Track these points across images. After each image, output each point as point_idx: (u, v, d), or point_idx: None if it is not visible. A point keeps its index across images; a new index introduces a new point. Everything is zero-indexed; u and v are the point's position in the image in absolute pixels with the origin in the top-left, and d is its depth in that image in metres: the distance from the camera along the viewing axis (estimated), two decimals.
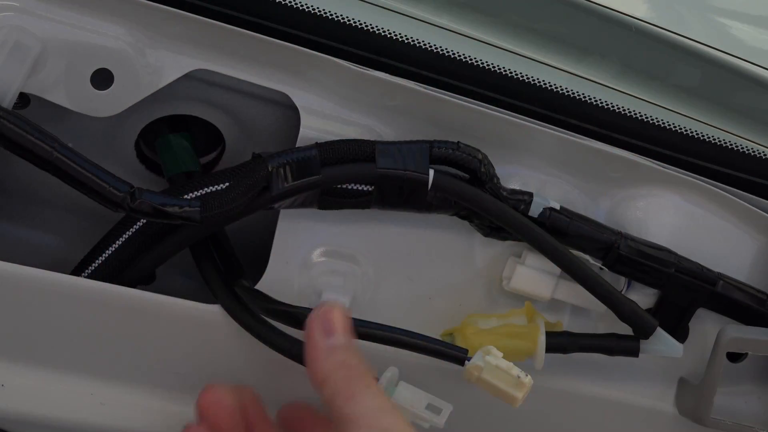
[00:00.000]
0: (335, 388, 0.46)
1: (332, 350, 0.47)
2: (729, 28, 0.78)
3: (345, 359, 0.47)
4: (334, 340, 0.47)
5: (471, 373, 0.48)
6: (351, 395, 0.45)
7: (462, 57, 0.62)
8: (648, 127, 0.66)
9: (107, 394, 0.62)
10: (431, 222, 0.64)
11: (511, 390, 0.47)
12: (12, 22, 0.54)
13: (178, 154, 0.64)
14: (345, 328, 0.48)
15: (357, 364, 0.46)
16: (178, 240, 0.61)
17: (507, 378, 0.47)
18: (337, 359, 0.47)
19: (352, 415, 0.45)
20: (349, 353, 0.47)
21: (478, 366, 0.47)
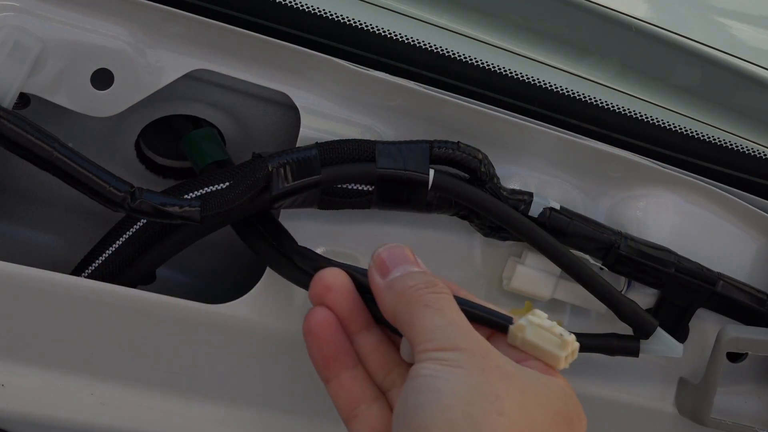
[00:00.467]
0: (400, 320, 0.45)
1: (389, 287, 0.46)
2: (729, 28, 0.78)
3: (401, 290, 0.46)
4: (391, 275, 0.47)
5: (515, 335, 0.47)
6: (410, 322, 0.44)
7: (462, 57, 0.62)
8: (648, 127, 0.66)
9: (107, 394, 0.62)
10: (431, 222, 0.64)
11: (555, 350, 0.46)
12: (12, 22, 0.54)
13: (204, 146, 0.64)
14: (400, 261, 0.47)
15: (413, 289, 0.45)
16: (178, 240, 0.61)
17: (550, 338, 0.46)
18: (395, 292, 0.46)
19: (413, 342, 0.44)
20: (405, 280, 0.46)
21: (521, 326, 0.47)
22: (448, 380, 0.42)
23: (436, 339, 0.43)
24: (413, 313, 0.45)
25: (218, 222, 0.59)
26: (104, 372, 0.62)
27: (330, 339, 0.48)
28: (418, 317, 0.44)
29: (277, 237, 0.58)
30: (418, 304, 0.45)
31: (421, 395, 0.42)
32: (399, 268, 0.47)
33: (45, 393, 0.61)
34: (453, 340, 0.43)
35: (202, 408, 0.64)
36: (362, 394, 0.48)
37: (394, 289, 0.46)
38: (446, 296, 0.45)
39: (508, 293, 0.66)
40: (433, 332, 0.43)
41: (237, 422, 0.65)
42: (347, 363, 0.49)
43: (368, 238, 0.64)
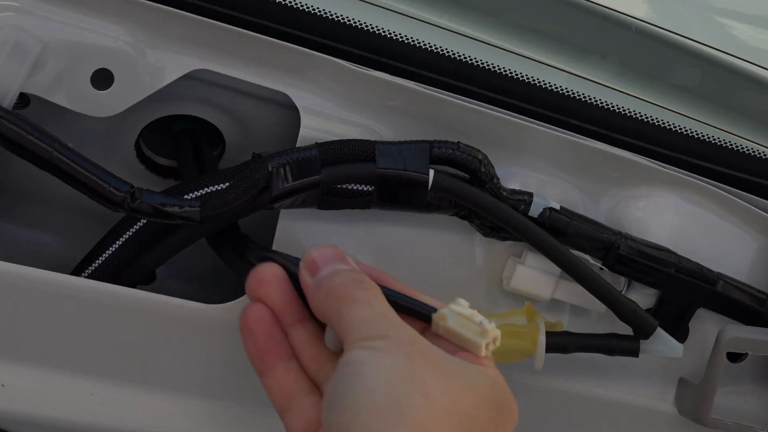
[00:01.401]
0: (330, 317, 0.46)
1: (318, 285, 0.47)
2: (729, 28, 0.78)
3: (330, 287, 0.46)
4: (319, 274, 0.47)
5: (438, 323, 0.48)
6: (339, 317, 0.45)
7: (462, 57, 0.62)
8: (648, 127, 0.66)
9: (107, 394, 0.62)
10: (431, 222, 0.64)
11: (475, 337, 0.47)
12: (12, 22, 0.54)
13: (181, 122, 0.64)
14: (329, 260, 0.48)
15: (341, 286, 0.46)
16: (178, 240, 0.61)
17: (470, 326, 0.47)
18: (324, 291, 0.47)
19: (342, 333, 0.45)
20: (332, 279, 0.47)
21: (443, 315, 0.47)
22: (374, 365, 0.43)
23: (364, 329, 0.44)
24: (342, 309, 0.45)
25: (218, 222, 0.59)
26: (104, 372, 0.62)
27: (264, 332, 0.49)
28: (347, 311, 0.45)
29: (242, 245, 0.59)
30: (346, 300, 0.46)
31: (347, 380, 0.43)
32: (328, 266, 0.47)
33: (45, 393, 0.61)
34: (381, 329, 0.44)
35: (202, 408, 0.64)
36: (296, 386, 0.49)
37: (322, 287, 0.47)
38: (374, 290, 0.46)
39: (508, 293, 0.66)
40: (361, 323, 0.44)
41: (237, 422, 0.65)
42: (281, 356, 0.49)
43: (368, 238, 0.64)
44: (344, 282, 0.46)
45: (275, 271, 0.49)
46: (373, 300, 0.46)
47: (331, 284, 0.46)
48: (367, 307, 0.45)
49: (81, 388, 0.61)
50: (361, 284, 0.46)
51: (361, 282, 0.46)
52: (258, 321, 0.49)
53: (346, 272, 0.47)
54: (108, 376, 0.62)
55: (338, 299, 0.46)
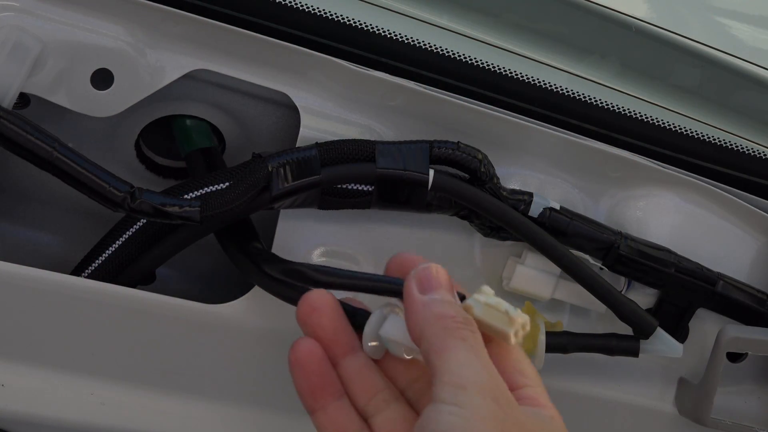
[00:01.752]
0: (430, 341, 0.45)
1: (428, 304, 0.46)
2: (729, 28, 0.78)
3: (441, 312, 0.45)
4: (431, 295, 0.46)
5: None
6: (443, 348, 0.44)
7: (462, 57, 0.62)
8: (648, 127, 0.66)
9: (107, 394, 0.62)
10: (431, 222, 0.64)
11: (503, 327, 0.46)
12: (12, 22, 0.54)
13: (193, 131, 0.64)
14: (442, 284, 0.47)
15: (453, 317, 0.45)
16: (178, 240, 0.61)
17: (497, 315, 0.46)
18: (433, 312, 0.45)
19: (439, 368, 0.44)
20: (446, 307, 0.46)
21: (468, 306, 0.47)
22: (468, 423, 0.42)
23: (463, 376, 0.43)
24: (448, 342, 0.45)
25: (218, 222, 0.59)
26: (104, 372, 0.62)
27: (316, 370, 0.48)
28: (453, 347, 0.44)
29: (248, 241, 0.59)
30: (455, 335, 0.45)
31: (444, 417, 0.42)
32: (440, 291, 0.46)
33: (45, 393, 0.61)
34: (480, 382, 0.43)
35: (202, 408, 0.64)
36: (349, 425, 0.48)
37: (431, 309, 0.46)
38: (479, 337, 0.46)
39: (508, 293, 0.66)
40: (462, 368, 0.44)
41: (237, 422, 0.65)
42: (333, 394, 0.49)
43: (368, 238, 0.64)
44: (456, 316, 0.45)
45: (328, 299, 0.49)
46: (478, 347, 0.45)
47: (443, 312, 0.45)
48: (472, 352, 0.44)
49: (81, 388, 0.61)
50: (470, 326, 0.45)
51: (470, 323, 0.46)
52: (310, 357, 0.48)
53: (458, 307, 0.46)
54: (108, 376, 0.62)
55: (447, 330, 0.45)
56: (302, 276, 0.54)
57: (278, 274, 0.56)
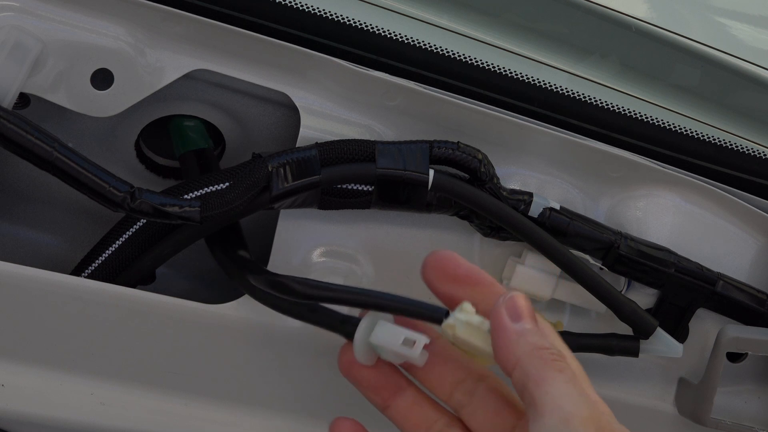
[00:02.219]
0: (527, 371, 0.45)
1: (522, 334, 0.45)
2: (729, 28, 0.78)
3: (537, 342, 0.45)
4: (523, 324, 0.46)
5: (446, 332, 0.47)
6: (542, 380, 0.44)
7: (462, 57, 0.62)
8: (648, 127, 0.66)
9: (107, 394, 0.62)
10: (431, 222, 0.64)
11: (485, 347, 0.46)
12: (12, 22, 0.54)
13: (188, 133, 0.64)
14: (532, 315, 0.47)
15: (549, 348, 0.45)
16: (178, 240, 0.61)
17: (479, 334, 0.46)
18: (529, 343, 0.45)
19: (539, 400, 0.44)
20: (541, 337, 0.46)
21: (450, 325, 0.47)
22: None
23: (566, 408, 0.43)
24: (546, 374, 0.45)
25: (218, 222, 0.59)
26: (104, 372, 0.62)
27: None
28: (552, 379, 0.44)
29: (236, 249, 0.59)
30: (553, 367, 0.45)
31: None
32: (529, 321, 0.46)
33: (45, 393, 0.61)
34: (582, 414, 0.43)
35: (202, 408, 0.64)
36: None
37: (527, 340, 0.45)
38: (577, 367, 0.46)
39: None
40: (563, 400, 0.44)
41: (237, 422, 0.65)
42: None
43: (368, 238, 0.64)
44: (551, 348, 0.45)
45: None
46: (578, 377, 0.45)
47: (539, 343, 0.45)
48: (572, 384, 0.44)
49: (81, 388, 0.61)
50: (564, 358, 0.45)
51: (563, 358, 0.46)
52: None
53: (548, 339, 0.46)
54: (108, 376, 0.62)
55: (544, 361, 0.45)
56: (286, 288, 0.54)
57: (263, 286, 0.56)
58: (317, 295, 0.53)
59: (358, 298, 0.50)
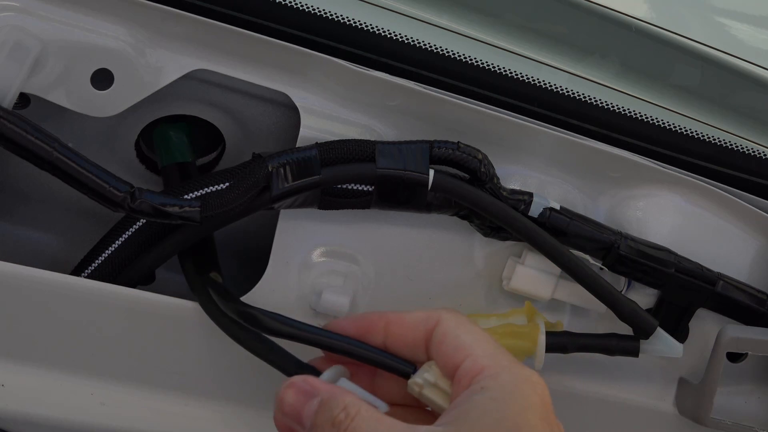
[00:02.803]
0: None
1: (313, 418, 0.46)
2: (729, 28, 0.78)
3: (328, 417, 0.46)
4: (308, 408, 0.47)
5: (413, 389, 0.49)
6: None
7: (462, 57, 0.62)
8: (648, 127, 0.66)
9: (107, 394, 0.62)
10: (431, 222, 0.64)
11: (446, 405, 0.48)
12: (12, 22, 0.54)
13: (172, 145, 0.64)
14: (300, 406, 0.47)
15: (335, 416, 0.45)
16: (178, 240, 0.61)
17: (442, 395, 0.48)
18: (322, 423, 0.46)
19: None
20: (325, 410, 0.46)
21: (417, 383, 0.48)
22: None
23: None
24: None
25: (218, 222, 0.59)
26: (104, 372, 0.62)
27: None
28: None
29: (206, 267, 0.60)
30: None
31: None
32: (305, 412, 0.47)
33: (45, 393, 0.61)
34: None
35: (202, 408, 0.64)
36: None
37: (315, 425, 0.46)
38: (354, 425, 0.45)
39: (508, 293, 0.66)
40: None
41: (237, 422, 0.65)
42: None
43: (368, 238, 0.64)
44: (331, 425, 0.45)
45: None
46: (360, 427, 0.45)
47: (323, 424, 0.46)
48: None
49: (81, 388, 0.61)
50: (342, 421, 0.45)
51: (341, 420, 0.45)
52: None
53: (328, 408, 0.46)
54: (108, 376, 0.62)
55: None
56: (255, 321, 0.55)
57: (232, 314, 0.56)
58: (288, 333, 0.54)
59: (328, 342, 0.51)
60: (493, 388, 0.45)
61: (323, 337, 0.52)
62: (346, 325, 0.51)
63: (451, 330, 0.48)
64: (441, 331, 0.48)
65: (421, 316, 0.49)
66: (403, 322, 0.50)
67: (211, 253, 0.61)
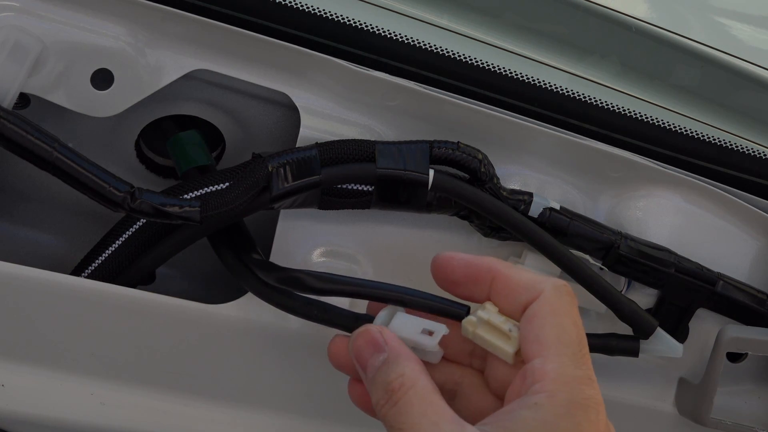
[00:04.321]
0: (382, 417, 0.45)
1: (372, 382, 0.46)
2: (729, 28, 0.78)
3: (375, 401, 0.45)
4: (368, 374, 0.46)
5: (467, 329, 0.47)
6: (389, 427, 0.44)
7: (462, 57, 0.62)
8: (648, 127, 0.66)
9: (107, 394, 0.62)
10: (431, 222, 0.64)
11: (504, 346, 0.47)
12: (12, 22, 0.54)
13: (188, 149, 0.64)
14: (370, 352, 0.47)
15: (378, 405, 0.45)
16: (178, 240, 0.61)
17: (499, 333, 0.47)
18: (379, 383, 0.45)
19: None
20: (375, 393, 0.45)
21: (471, 321, 0.47)
22: None
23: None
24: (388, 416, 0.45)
25: (218, 222, 0.59)
26: (104, 372, 0.62)
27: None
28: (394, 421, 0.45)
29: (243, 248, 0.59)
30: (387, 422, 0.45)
31: None
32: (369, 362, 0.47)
33: (45, 393, 0.61)
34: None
35: (202, 408, 0.64)
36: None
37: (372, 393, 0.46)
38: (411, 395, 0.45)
39: None
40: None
41: (237, 422, 0.65)
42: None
43: (368, 238, 0.64)
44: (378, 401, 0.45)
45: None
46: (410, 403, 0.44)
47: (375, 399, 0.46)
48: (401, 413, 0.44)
49: (81, 388, 0.61)
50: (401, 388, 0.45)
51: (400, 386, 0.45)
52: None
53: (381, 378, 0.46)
54: (108, 376, 0.62)
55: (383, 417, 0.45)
56: (300, 283, 0.55)
57: (274, 282, 0.56)
58: (334, 290, 0.53)
59: (377, 293, 0.51)
60: (544, 409, 0.43)
61: (369, 288, 0.51)
62: (456, 266, 0.49)
63: (542, 316, 0.46)
64: (533, 311, 0.46)
65: (527, 282, 0.47)
66: (508, 282, 0.47)
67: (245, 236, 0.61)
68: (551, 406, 0.43)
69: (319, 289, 0.54)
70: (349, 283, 0.53)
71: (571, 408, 0.44)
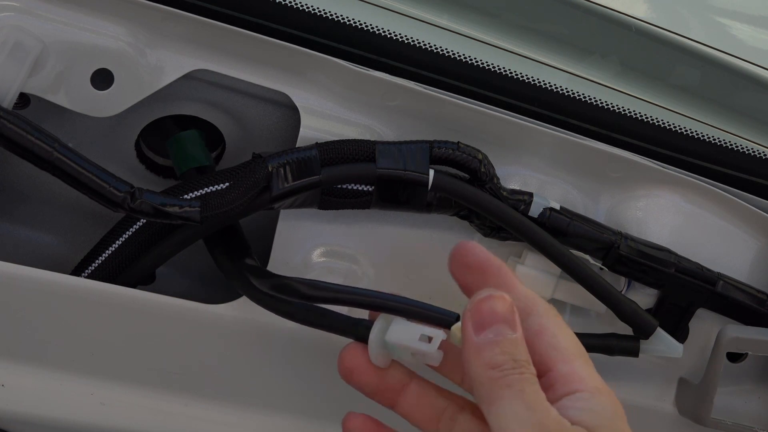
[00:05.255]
0: (479, 393, 0.43)
1: (480, 348, 0.43)
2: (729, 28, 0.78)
3: (489, 360, 0.43)
4: (485, 335, 0.43)
5: (455, 335, 0.47)
6: (490, 401, 0.43)
7: (462, 57, 0.62)
8: (648, 127, 0.66)
9: (107, 394, 0.62)
10: (431, 222, 0.64)
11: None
12: (12, 22, 0.54)
13: (188, 150, 0.64)
14: (496, 319, 0.44)
15: (501, 365, 0.43)
16: (178, 240, 0.61)
17: None
18: (483, 361, 0.43)
19: (490, 422, 0.42)
20: (495, 352, 0.43)
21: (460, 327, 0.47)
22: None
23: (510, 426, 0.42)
24: (494, 394, 0.43)
25: (218, 222, 0.59)
26: (104, 372, 0.62)
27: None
28: (499, 399, 0.43)
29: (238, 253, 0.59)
30: (501, 384, 0.43)
31: None
32: (494, 328, 0.44)
33: (45, 393, 0.61)
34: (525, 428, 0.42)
35: (202, 408, 0.64)
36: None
37: (481, 357, 0.43)
38: (527, 376, 0.43)
39: None
40: (508, 422, 0.42)
41: (236, 422, 0.65)
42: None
43: (368, 238, 0.64)
44: (503, 364, 0.43)
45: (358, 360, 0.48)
46: (526, 390, 0.43)
47: (491, 360, 0.43)
48: (518, 400, 0.42)
49: (81, 388, 0.61)
50: (518, 368, 0.43)
51: (519, 365, 0.43)
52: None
53: (507, 344, 0.44)
54: (108, 376, 0.62)
55: (493, 381, 0.43)
56: (292, 290, 0.54)
57: (267, 289, 0.56)
58: (326, 297, 0.53)
59: (367, 300, 0.51)
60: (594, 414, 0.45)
61: (360, 296, 0.51)
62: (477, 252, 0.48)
63: (550, 326, 0.46)
64: (538, 322, 0.46)
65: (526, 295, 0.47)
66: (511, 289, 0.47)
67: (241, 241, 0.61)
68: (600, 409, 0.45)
69: (310, 296, 0.54)
70: (340, 291, 0.53)
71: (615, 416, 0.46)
